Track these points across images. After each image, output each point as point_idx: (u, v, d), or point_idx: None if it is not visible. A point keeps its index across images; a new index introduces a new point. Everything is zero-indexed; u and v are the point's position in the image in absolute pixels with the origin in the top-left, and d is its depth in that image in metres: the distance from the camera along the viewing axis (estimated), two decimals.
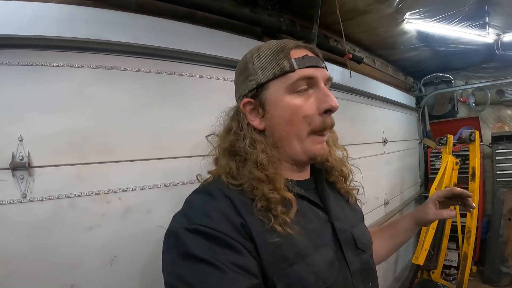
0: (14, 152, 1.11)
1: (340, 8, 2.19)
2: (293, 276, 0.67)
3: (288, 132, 0.77)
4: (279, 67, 0.75)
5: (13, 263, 1.08)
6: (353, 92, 2.69)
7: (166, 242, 0.68)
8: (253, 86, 0.78)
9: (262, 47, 0.80)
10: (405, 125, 3.96)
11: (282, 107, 0.76)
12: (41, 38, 1.17)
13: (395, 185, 3.46)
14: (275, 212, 0.69)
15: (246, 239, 0.66)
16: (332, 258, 0.75)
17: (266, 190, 0.71)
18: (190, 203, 0.74)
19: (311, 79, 0.76)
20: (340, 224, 0.82)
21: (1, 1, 1.15)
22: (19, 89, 1.15)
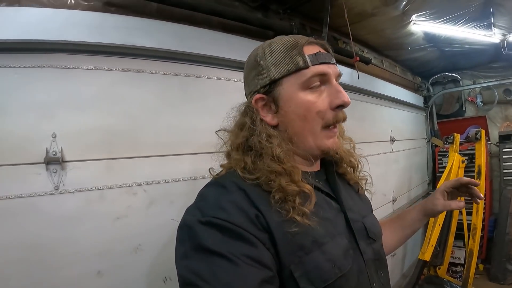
0: (48, 148, 1.21)
1: (349, 12, 2.27)
2: (310, 264, 0.68)
3: (303, 127, 0.77)
4: (293, 63, 0.75)
5: (45, 250, 1.18)
6: (361, 93, 2.76)
7: (179, 234, 0.68)
8: (266, 82, 0.78)
9: (274, 43, 0.80)
10: (413, 124, 4.01)
11: (296, 103, 0.76)
12: (72, 43, 1.28)
13: (402, 183, 3.52)
14: (293, 204, 0.69)
15: (261, 230, 0.66)
16: (347, 246, 0.76)
17: (284, 183, 0.71)
18: (203, 196, 0.74)
19: (324, 75, 0.77)
20: (352, 214, 0.83)
21: (34, 8, 1.28)
22: (52, 90, 1.25)
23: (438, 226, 2.66)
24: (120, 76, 1.35)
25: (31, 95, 1.21)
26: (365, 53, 3.18)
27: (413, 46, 3.29)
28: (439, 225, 2.67)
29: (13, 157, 1.18)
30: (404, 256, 3.52)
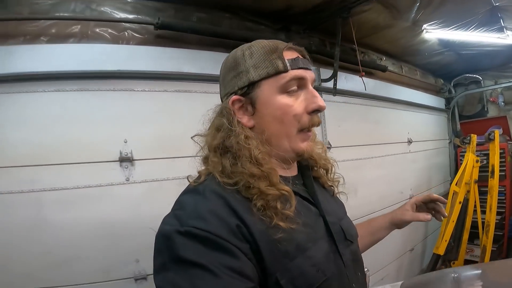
0: (121, 150, 1.65)
1: (364, 25, 2.54)
2: (295, 270, 0.68)
3: (279, 130, 0.78)
4: (273, 66, 0.76)
5: (118, 227, 1.61)
6: (376, 99, 3.02)
7: (157, 244, 0.66)
8: (245, 84, 0.78)
9: (253, 46, 0.80)
10: (433, 126, 4.16)
11: (274, 106, 0.77)
12: (136, 72, 1.71)
13: (421, 182, 3.70)
14: (275, 210, 0.69)
15: (242, 241, 0.64)
16: (328, 250, 0.77)
17: (263, 187, 0.71)
18: (181, 204, 0.71)
19: (302, 79, 0.78)
20: (330, 218, 0.83)
21: (104, 44, 1.72)
22: (123, 107, 1.69)
23: (452, 222, 2.85)
24: (173, 95, 1.79)
25: (107, 111, 1.66)
26: (383, 61, 3.41)
27: (430, 52, 3.42)
28: (453, 221, 2.85)
29: (95, 156, 1.62)
30: (424, 252, 3.71)
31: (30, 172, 1.55)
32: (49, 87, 1.61)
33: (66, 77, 1.63)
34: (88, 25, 1.77)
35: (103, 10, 1.82)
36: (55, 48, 1.68)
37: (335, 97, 2.46)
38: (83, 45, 1.72)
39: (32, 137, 1.57)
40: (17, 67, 1.59)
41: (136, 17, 1.83)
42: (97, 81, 1.66)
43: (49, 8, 1.77)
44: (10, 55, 1.61)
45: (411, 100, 3.60)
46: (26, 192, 1.55)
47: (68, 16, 1.77)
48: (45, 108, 1.60)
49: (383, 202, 2.99)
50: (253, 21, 2.19)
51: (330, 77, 2.37)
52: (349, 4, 2.09)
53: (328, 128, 2.51)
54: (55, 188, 1.56)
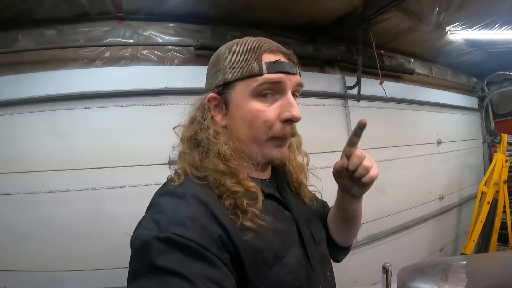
0: (170, 155, 1.91)
1: (387, 32, 2.65)
2: (273, 278, 0.67)
3: (248, 134, 0.75)
4: (248, 68, 0.73)
5: None
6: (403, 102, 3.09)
7: (133, 250, 0.62)
8: (220, 83, 0.76)
9: (237, 43, 0.77)
10: (464, 126, 4.13)
11: (244, 109, 0.74)
12: (180, 89, 1.95)
13: (451, 182, 3.71)
14: (243, 207, 0.67)
15: (223, 251, 0.62)
16: (301, 255, 0.77)
17: (229, 184, 0.69)
18: (160, 207, 0.67)
19: (278, 84, 0.74)
20: (301, 222, 0.83)
21: (152, 66, 1.98)
22: (170, 118, 1.90)
23: (480, 222, 2.88)
24: None
25: (157, 122, 1.91)
26: (411, 63, 3.47)
27: (457, 52, 3.40)
28: (481, 222, 2.88)
29: (148, 160, 1.92)
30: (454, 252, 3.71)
31: (93, 173, 1.90)
32: (108, 104, 1.93)
33: (121, 95, 1.93)
34: (137, 49, 2.05)
35: (149, 34, 2.10)
36: (110, 71, 2.00)
37: (360, 102, 2.59)
38: (133, 67, 2.00)
39: (95, 145, 1.91)
40: (79, 87, 1.92)
41: (178, 39, 2.09)
42: (147, 97, 1.94)
43: (102, 35, 2.07)
44: (72, 77, 1.95)
45: (441, 102, 3.62)
46: (90, 190, 1.90)
47: (119, 42, 2.06)
48: (105, 120, 1.93)
49: (411, 201, 3.07)
50: (282, 35, 2.38)
51: (354, 85, 2.51)
52: (368, 16, 2.22)
53: None
54: (114, 186, 1.88)
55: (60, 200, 1.87)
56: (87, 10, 1.99)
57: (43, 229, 1.86)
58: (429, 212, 3.25)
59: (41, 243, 1.86)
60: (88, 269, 1.84)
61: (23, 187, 1.86)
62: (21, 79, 1.92)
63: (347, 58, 2.71)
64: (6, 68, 1.98)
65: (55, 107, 1.91)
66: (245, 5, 2.06)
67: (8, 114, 1.90)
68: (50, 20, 2.02)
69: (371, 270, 2.63)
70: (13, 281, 1.87)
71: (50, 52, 2.00)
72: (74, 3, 1.92)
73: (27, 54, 1.99)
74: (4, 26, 1.99)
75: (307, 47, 2.50)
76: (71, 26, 2.05)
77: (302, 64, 2.48)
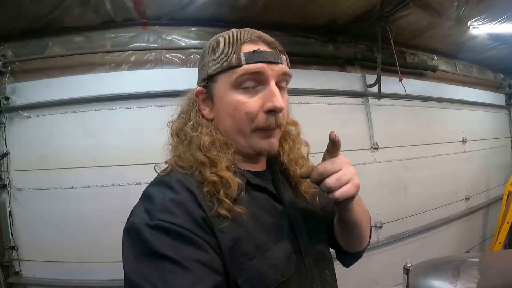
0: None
1: (407, 28, 2.62)
2: (253, 270, 0.66)
3: (232, 127, 0.75)
4: (227, 60, 0.72)
5: None
6: (426, 99, 3.04)
7: (127, 237, 0.64)
8: (205, 77, 0.76)
9: (220, 36, 0.77)
10: (491, 124, 3.99)
11: (226, 102, 0.73)
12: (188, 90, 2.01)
13: (478, 182, 3.60)
14: (219, 196, 0.67)
15: (209, 234, 0.64)
16: (290, 250, 0.74)
17: (208, 173, 0.69)
18: (149, 197, 0.69)
19: (259, 74, 0.72)
20: (296, 216, 0.81)
21: (176, 68, 2.05)
22: None
23: (507, 223, 2.78)
24: None
25: None
26: (435, 60, 3.40)
27: (481, 47, 3.31)
28: (508, 223, 2.79)
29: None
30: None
31: (120, 170, 2.01)
32: (134, 104, 2.03)
33: (146, 96, 2.03)
34: (161, 52, 2.14)
35: (172, 38, 2.18)
36: (136, 74, 2.10)
37: (381, 100, 2.57)
38: (158, 70, 2.09)
39: (122, 143, 2.02)
40: (107, 89, 2.04)
41: (200, 42, 2.17)
42: (171, 98, 1.98)
43: (128, 40, 2.18)
44: (100, 81, 2.07)
45: (466, 99, 3.52)
46: (117, 186, 2.02)
47: (144, 47, 2.16)
48: (131, 120, 2.04)
49: (435, 201, 3.01)
50: (302, 36, 2.41)
51: (374, 83, 2.50)
52: (386, 13, 2.21)
53: (375, 130, 2.64)
54: (140, 183, 1.96)
55: (89, 195, 2.00)
56: (113, 18, 2.11)
57: (73, 222, 1.99)
58: (454, 213, 3.16)
59: (71, 235, 1.99)
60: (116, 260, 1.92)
61: (54, 183, 2.01)
62: (53, 83, 2.08)
63: (368, 56, 2.70)
64: (39, 73, 2.13)
65: (85, 108, 2.03)
66: (263, 7, 2.11)
67: (41, 115, 2.05)
68: (78, 28, 2.16)
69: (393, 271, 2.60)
70: (45, 271, 2.02)
71: (79, 57, 2.13)
72: (101, 11, 2.03)
73: (57, 59, 2.14)
74: (36, 35, 2.14)
75: (327, 47, 2.52)
76: (98, 33, 2.18)
77: (323, 63, 2.50)
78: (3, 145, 2.02)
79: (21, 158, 2.04)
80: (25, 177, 2.03)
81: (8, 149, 2.02)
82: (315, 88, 2.38)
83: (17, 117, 2.05)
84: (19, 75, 2.15)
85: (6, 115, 2.04)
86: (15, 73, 2.14)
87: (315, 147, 0.92)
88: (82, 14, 2.03)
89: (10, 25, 2.04)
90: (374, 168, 2.61)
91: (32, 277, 2.02)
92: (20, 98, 2.06)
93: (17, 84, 2.10)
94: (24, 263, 2.03)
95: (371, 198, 2.52)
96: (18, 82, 2.12)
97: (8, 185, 2.02)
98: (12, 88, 2.08)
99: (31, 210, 2.02)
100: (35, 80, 2.10)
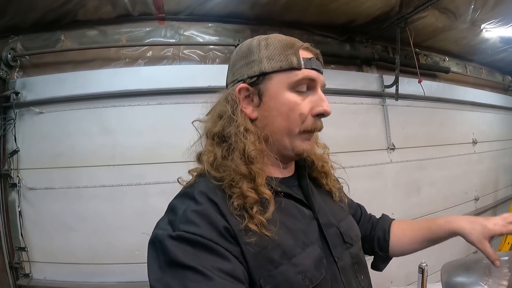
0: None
1: (424, 30, 2.62)
2: (280, 277, 0.65)
3: (283, 125, 0.75)
4: (287, 61, 0.74)
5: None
6: (440, 101, 3.02)
7: (151, 249, 0.65)
8: (255, 73, 0.75)
9: (271, 38, 0.78)
10: (499, 126, 3.99)
11: (282, 101, 0.74)
12: (223, 87, 1.95)
13: (487, 183, 3.60)
14: (251, 212, 0.67)
15: (232, 243, 0.64)
16: (320, 255, 0.73)
17: (245, 188, 0.69)
18: (173, 209, 0.70)
19: (312, 81, 0.76)
20: (326, 220, 0.80)
21: (195, 65, 1.99)
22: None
23: None
24: None
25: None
26: (446, 62, 3.40)
27: (492, 50, 3.35)
28: None
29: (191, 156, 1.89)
30: None
31: (138, 169, 1.94)
32: (152, 101, 1.97)
33: (165, 93, 1.97)
34: (179, 48, 2.08)
35: (189, 34, 2.12)
36: (153, 69, 2.03)
37: (398, 101, 2.55)
38: (176, 66, 2.03)
39: (139, 141, 1.95)
40: (123, 85, 1.97)
41: (218, 39, 2.11)
42: (191, 95, 1.96)
43: (144, 35, 2.11)
44: (117, 76, 1.99)
45: (476, 100, 3.51)
46: (135, 185, 1.94)
47: (161, 42, 2.09)
48: (149, 117, 1.97)
49: (446, 202, 3.01)
50: (320, 35, 2.38)
51: (392, 84, 2.47)
52: (406, 15, 2.19)
53: (392, 131, 2.61)
54: (158, 182, 1.91)
55: (104, 195, 1.93)
56: (129, 12, 2.05)
57: (88, 222, 1.92)
58: (464, 213, 3.15)
59: (85, 236, 1.92)
60: (132, 262, 1.87)
61: (67, 182, 1.93)
62: (66, 77, 2.00)
63: (384, 57, 2.67)
64: (51, 67, 2.06)
65: (100, 104, 1.96)
66: (284, 5, 2.07)
67: (53, 111, 1.97)
68: (92, 21, 2.09)
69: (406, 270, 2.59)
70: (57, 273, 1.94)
71: (92, 51, 2.06)
72: (117, 4, 1.97)
73: (70, 54, 2.06)
74: (47, 28, 2.06)
75: (345, 46, 2.49)
76: (113, 27, 2.11)
77: (341, 63, 2.46)
78: (12, 142, 1.95)
79: (32, 156, 1.96)
80: (36, 176, 1.95)
81: (18, 146, 1.94)
82: (336, 88, 2.34)
83: (28, 113, 1.97)
84: (29, 69, 2.07)
85: (16, 111, 1.95)
86: (25, 67, 2.06)
87: (336, 147, 0.97)
88: (97, 6, 1.96)
89: (20, 17, 1.96)
90: (390, 168, 2.58)
91: (43, 279, 1.95)
92: (30, 93, 1.98)
93: (28, 79, 2.02)
94: (34, 264, 1.95)
95: (388, 198, 2.51)
96: (29, 76, 2.05)
97: (18, 183, 1.95)
98: (22, 82, 2.00)
99: (42, 210, 1.95)
100: (46, 75, 2.02)
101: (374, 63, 2.62)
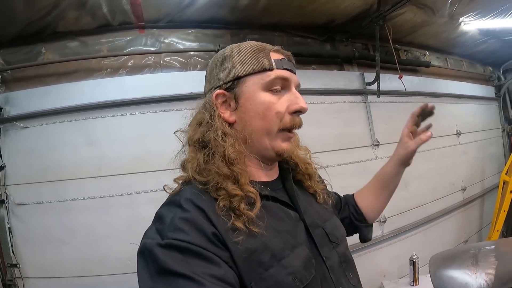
0: None
1: (403, 26, 2.66)
2: (270, 280, 0.66)
3: (261, 126, 0.77)
4: (259, 63, 0.77)
5: None
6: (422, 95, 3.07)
7: (140, 259, 0.65)
8: (230, 78, 0.78)
9: (242, 45, 0.81)
10: (482, 116, 4.07)
11: (257, 101, 0.76)
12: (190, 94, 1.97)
13: (473, 173, 3.67)
14: (238, 212, 0.68)
15: (221, 248, 0.64)
16: (309, 256, 0.75)
17: (230, 188, 0.70)
18: (160, 218, 0.70)
19: (286, 80, 0.79)
20: (312, 221, 0.82)
21: (177, 72, 2.02)
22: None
23: (504, 211, 2.85)
24: None
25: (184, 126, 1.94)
26: (427, 56, 3.45)
27: (472, 42, 3.39)
28: (505, 211, 2.85)
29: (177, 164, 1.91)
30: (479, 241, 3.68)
31: (125, 179, 1.95)
32: (136, 111, 1.98)
33: (148, 102, 1.98)
34: (160, 56, 2.09)
35: (170, 41, 2.13)
36: (135, 79, 2.04)
37: (380, 98, 2.59)
38: (158, 74, 2.04)
39: (125, 151, 1.96)
40: (107, 95, 1.97)
41: (199, 44, 2.13)
42: (174, 103, 1.98)
43: (125, 44, 2.12)
44: (99, 87, 1.99)
45: (458, 93, 3.58)
46: (123, 195, 1.95)
47: (142, 50, 2.10)
48: (133, 127, 1.98)
49: (435, 194, 3.06)
50: (301, 36, 2.41)
51: (373, 81, 2.52)
52: (384, 12, 2.23)
53: (376, 127, 2.66)
54: (146, 191, 1.92)
55: (93, 207, 1.93)
56: (109, 21, 2.04)
57: (78, 235, 1.92)
58: (452, 204, 3.22)
59: (77, 248, 1.91)
60: (124, 272, 1.88)
61: (55, 195, 1.93)
62: (49, 90, 1.99)
63: (365, 54, 2.71)
64: (33, 81, 2.05)
65: (84, 116, 1.96)
66: (263, 8, 2.09)
67: (38, 125, 1.97)
68: (73, 33, 2.08)
69: (399, 264, 2.64)
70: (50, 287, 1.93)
71: (74, 63, 2.05)
72: (97, 14, 1.96)
73: (52, 66, 2.05)
74: (27, 41, 2.04)
75: (325, 46, 2.53)
76: (94, 37, 2.11)
77: (322, 63, 2.49)
78: None
79: (19, 171, 1.95)
80: (24, 191, 1.94)
81: (4, 162, 1.93)
82: (318, 88, 2.37)
83: (12, 128, 1.96)
84: (11, 84, 2.05)
85: (0, 127, 1.94)
86: (7, 82, 2.04)
87: (321, 146, 0.99)
88: (77, 18, 1.95)
89: (0, 31, 1.94)
90: (376, 165, 2.57)
91: None
92: (14, 108, 1.96)
93: (10, 94, 2.00)
94: (27, 280, 1.94)
95: None
96: (11, 91, 2.03)
97: (6, 200, 1.93)
98: (4, 97, 1.98)
99: (32, 225, 1.94)
100: (29, 89, 2.00)
101: (354, 61, 2.66)
